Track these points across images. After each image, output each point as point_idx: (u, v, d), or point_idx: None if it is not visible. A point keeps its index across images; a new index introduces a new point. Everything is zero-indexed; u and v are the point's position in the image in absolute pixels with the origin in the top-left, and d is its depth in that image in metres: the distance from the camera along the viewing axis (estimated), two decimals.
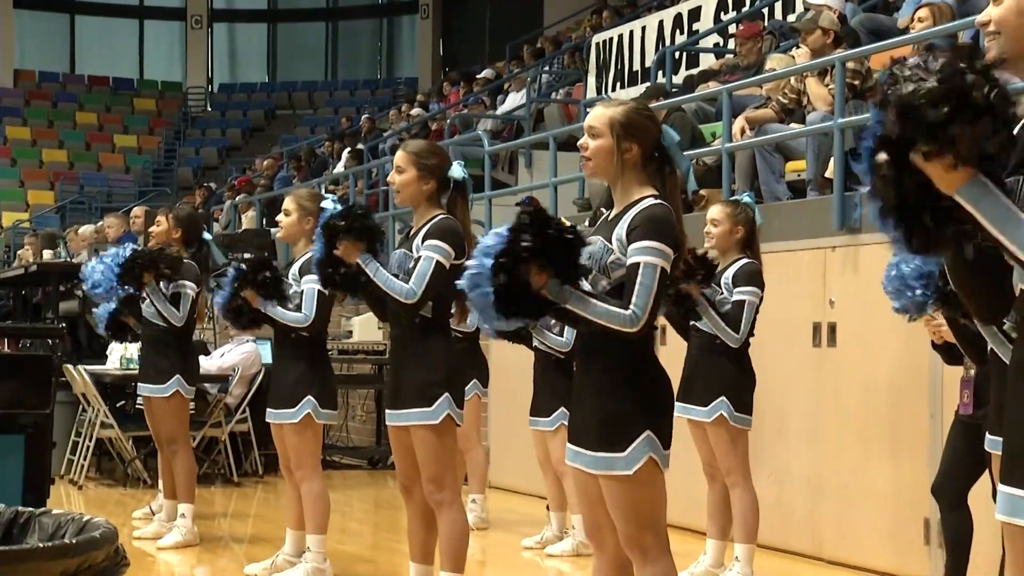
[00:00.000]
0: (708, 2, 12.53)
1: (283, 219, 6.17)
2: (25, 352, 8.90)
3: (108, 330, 7.68)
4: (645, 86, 11.38)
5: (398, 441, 5.15)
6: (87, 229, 14.21)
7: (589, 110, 3.89)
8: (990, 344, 4.57)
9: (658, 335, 7.78)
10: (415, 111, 19.49)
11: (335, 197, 5.52)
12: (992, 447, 4.40)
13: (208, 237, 7.48)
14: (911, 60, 2.36)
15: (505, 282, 3.51)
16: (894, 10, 9.35)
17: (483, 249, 3.63)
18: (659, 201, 3.72)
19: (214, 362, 10.07)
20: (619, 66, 13.42)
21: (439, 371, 4.99)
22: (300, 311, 6.02)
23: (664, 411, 3.76)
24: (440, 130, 16.11)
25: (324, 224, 5.01)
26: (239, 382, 9.92)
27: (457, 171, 5.06)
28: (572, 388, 3.89)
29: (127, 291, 7.05)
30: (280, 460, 6.35)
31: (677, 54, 12.44)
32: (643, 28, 13.29)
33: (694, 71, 11.84)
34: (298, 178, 17.83)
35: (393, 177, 5.07)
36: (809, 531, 6.98)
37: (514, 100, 15.77)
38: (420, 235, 5.00)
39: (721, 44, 12.32)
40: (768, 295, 6.02)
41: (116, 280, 6.99)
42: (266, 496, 9.59)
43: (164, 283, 7.10)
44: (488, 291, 3.57)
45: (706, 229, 6.04)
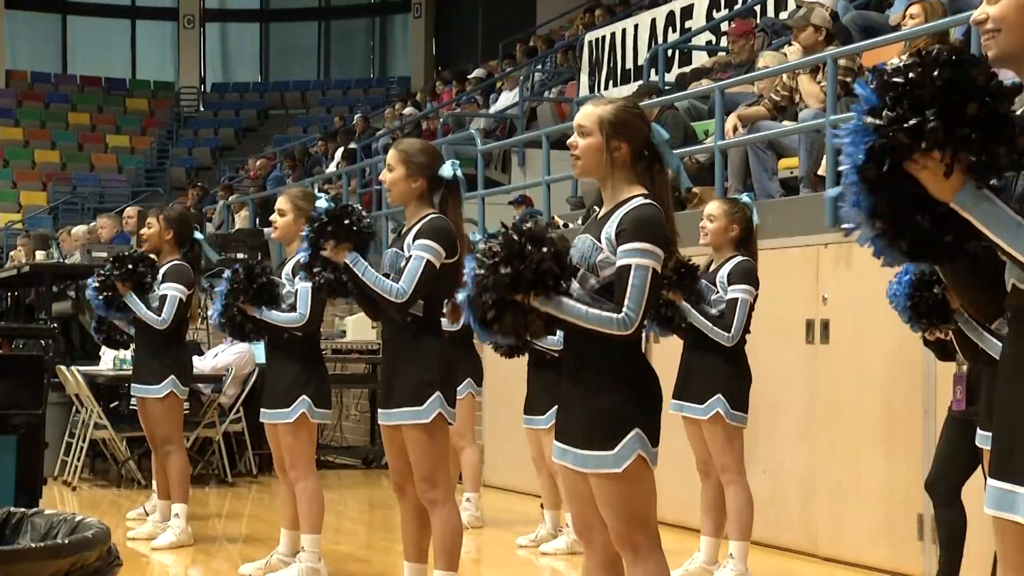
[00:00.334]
0: (700, 0, 12.54)
1: (278, 219, 6.16)
2: (17, 352, 8.88)
3: (100, 335, 7.81)
4: (638, 84, 11.39)
5: (391, 440, 5.15)
6: (80, 230, 14.19)
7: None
8: (982, 345, 4.59)
9: (651, 333, 7.83)
10: (408, 110, 19.49)
11: (329, 197, 5.51)
12: (984, 443, 4.42)
13: (199, 236, 7.47)
14: (897, 62, 2.36)
15: (492, 316, 3.57)
16: (886, 7, 9.36)
17: (469, 277, 3.68)
18: (648, 201, 3.71)
19: (208, 362, 10.06)
20: (612, 64, 13.42)
21: (430, 370, 4.99)
22: (294, 311, 6.02)
23: (653, 408, 3.75)
24: (433, 129, 16.11)
25: (310, 225, 5.00)
26: (233, 382, 9.91)
27: (447, 170, 5.05)
28: (554, 387, 3.89)
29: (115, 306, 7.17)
30: (274, 460, 6.35)
31: (669, 52, 12.46)
32: (635, 26, 13.30)
33: (686, 69, 11.85)
34: (292, 178, 17.82)
35: (384, 175, 5.08)
36: (803, 528, 6.99)
37: (507, 99, 15.77)
38: (411, 234, 5.00)
39: (713, 42, 12.33)
40: (761, 292, 6.02)
41: (100, 302, 7.15)
42: (260, 496, 9.58)
43: (155, 284, 7.12)
44: (478, 324, 3.64)
45: (701, 224, 6.04)
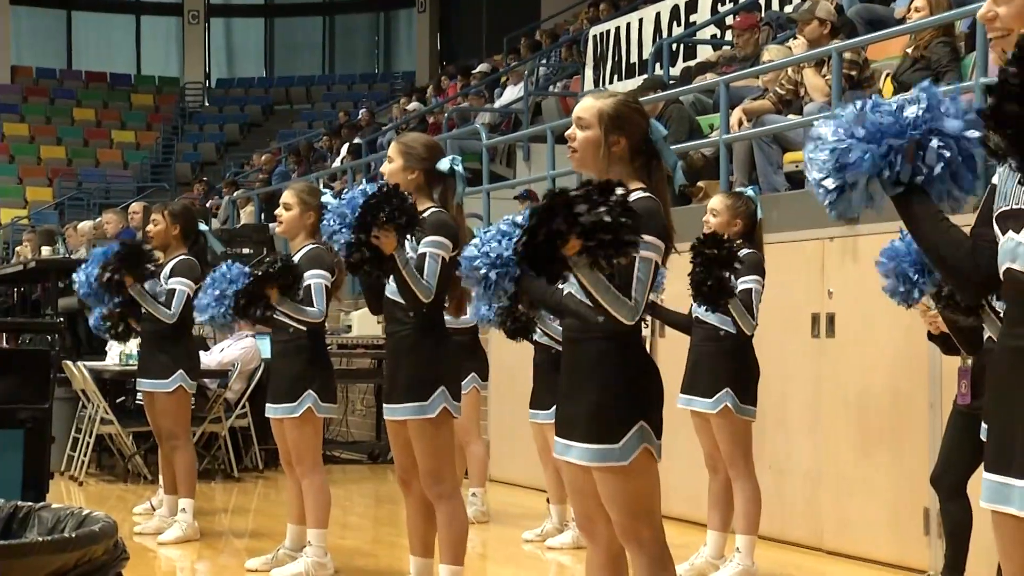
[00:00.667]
0: None
1: (283, 213, 6.15)
2: (24, 347, 8.89)
3: (105, 331, 7.67)
4: (643, 78, 11.37)
5: (396, 435, 5.16)
6: (86, 225, 14.21)
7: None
8: (987, 331, 4.57)
9: (657, 327, 7.83)
10: (413, 105, 19.48)
11: (334, 192, 5.51)
12: (986, 436, 4.40)
13: (205, 228, 7.46)
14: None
15: (543, 236, 3.36)
16: (891, 0, 9.35)
17: (494, 234, 3.64)
18: (647, 194, 3.70)
19: (213, 357, 10.07)
20: (616, 58, 13.41)
21: (435, 365, 4.98)
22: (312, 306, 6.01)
23: (656, 401, 3.75)
24: (438, 124, 16.09)
25: (367, 204, 4.70)
26: (238, 377, 9.92)
27: (444, 164, 5.03)
28: (559, 382, 3.85)
29: (116, 298, 7.10)
30: (280, 455, 6.36)
31: (674, 46, 12.44)
32: (640, 20, 13.28)
33: (691, 63, 11.84)
34: (297, 173, 17.82)
35: (384, 167, 5.05)
36: (809, 522, 6.98)
37: (512, 93, 15.75)
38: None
39: (718, 36, 12.31)
40: (767, 286, 6.02)
41: (99, 291, 7.06)
42: (266, 491, 9.59)
43: (155, 278, 7.10)
44: (502, 272, 3.58)
45: (705, 218, 6.04)
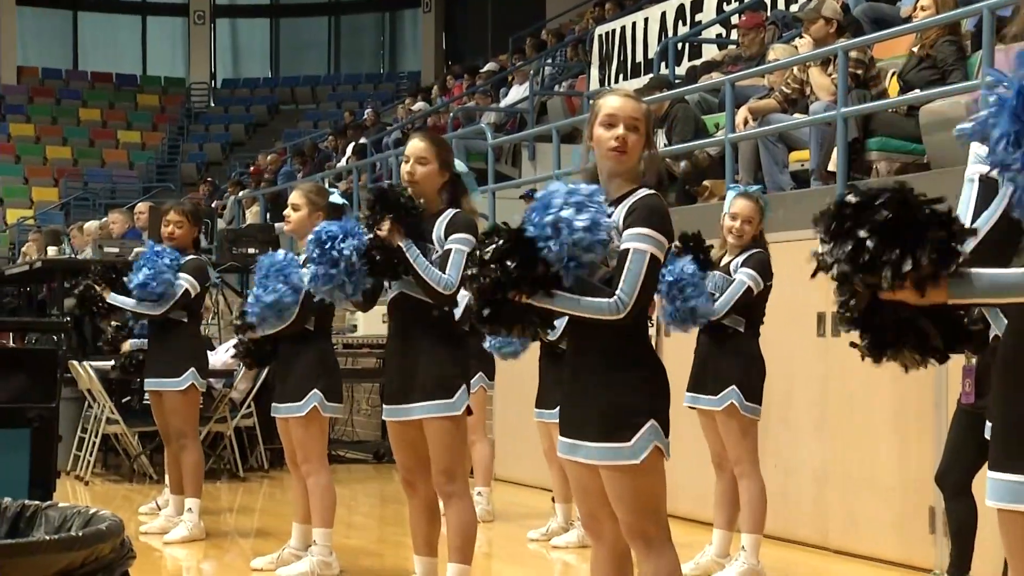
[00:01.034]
0: None
1: (291, 214, 6.15)
2: (31, 347, 8.91)
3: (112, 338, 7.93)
4: (648, 77, 11.38)
5: (401, 436, 5.13)
6: (91, 225, 14.22)
7: (602, 100, 3.85)
8: (992, 330, 4.57)
9: (662, 326, 7.82)
10: (418, 105, 19.49)
11: (342, 192, 5.52)
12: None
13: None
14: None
15: (489, 314, 3.57)
16: None
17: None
18: (654, 192, 3.74)
19: (219, 357, 10.07)
20: (622, 58, 13.41)
21: (456, 362, 4.99)
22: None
23: (664, 399, 3.75)
24: (443, 124, 16.10)
25: (375, 201, 4.88)
26: (244, 377, 9.93)
27: (461, 166, 5.08)
28: (564, 382, 3.86)
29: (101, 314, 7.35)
30: (286, 454, 6.37)
31: (680, 45, 12.43)
32: (646, 19, 13.28)
33: (697, 62, 11.83)
34: (302, 173, 17.83)
35: (414, 167, 4.98)
36: (815, 521, 6.98)
37: (517, 93, 15.75)
38: (439, 227, 4.96)
39: (724, 35, 12.31)
40: (773, 285, 6.02)
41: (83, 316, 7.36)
42: (272, 491, 9.60)
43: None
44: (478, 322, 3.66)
45: (730, 225, 5.98)
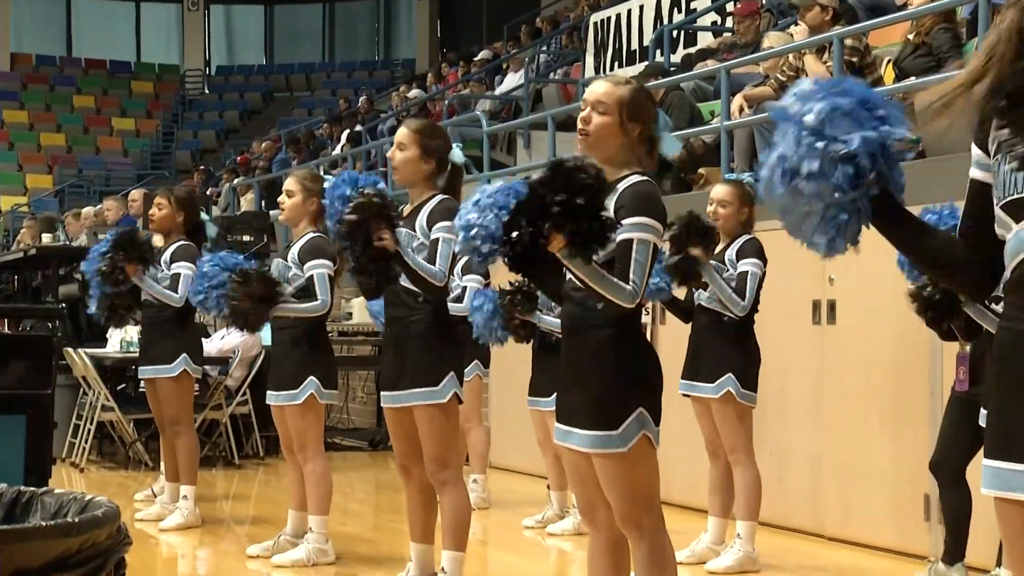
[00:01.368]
0: None
1: (286, 200, 6.14)
2: (26, 333, 8.90)
3: (103, 315, 7.66)
4: (643, 65, 11.36)
5: (397, 422, 5.15)
6: (86, 212, 14.20)
7: (588, 87, 3.87)
8: (979, 321, 4.61)
9: (657, 314, 7.84)
10: (413, 92, 19.46)
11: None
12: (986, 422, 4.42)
13: (206, 218, 7.47)
14: None
15: (522, 239, 3.35)
16: None
17: (491, 203, 3.63)
18: (646, 178, 3.73)
19: (214, 344, 10.07)
20: (617, 45, 13.39)
21: (444, 350, 4.99)
22: (304, 295, 6.01)
23: (655, 387, 3.76)
24: (438, 111, 16.08)
25: (358, 206, 4.66)
26: (239, 364, 9.92)
27: (458, 155, 5.06)
28: (559, 369, 3.86)
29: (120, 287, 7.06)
30: (281, 442, 6.36)
31: (675, 33, 12.42)
32: (641, 7, 13.26)
33: (692, 50, 11.82)
34: (297, 160, 17.81)
35: (394, 154, 5.03)
36: (810, 508, 6.99)
37: (512, 80, 15.73)
38: (423, 216, 4.97)
39: (719, 22, 12.29)
40: (768, 273, 6.02)
41: (103, 286, 6.99)
42: (267, 478, 9.61)
43: (155, 267, 7.10)
44: (494, 248, 3.58)
45: (712, 209, 6.01)
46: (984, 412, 4.51)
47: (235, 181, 18.31)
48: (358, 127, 17.96)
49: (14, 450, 4.33)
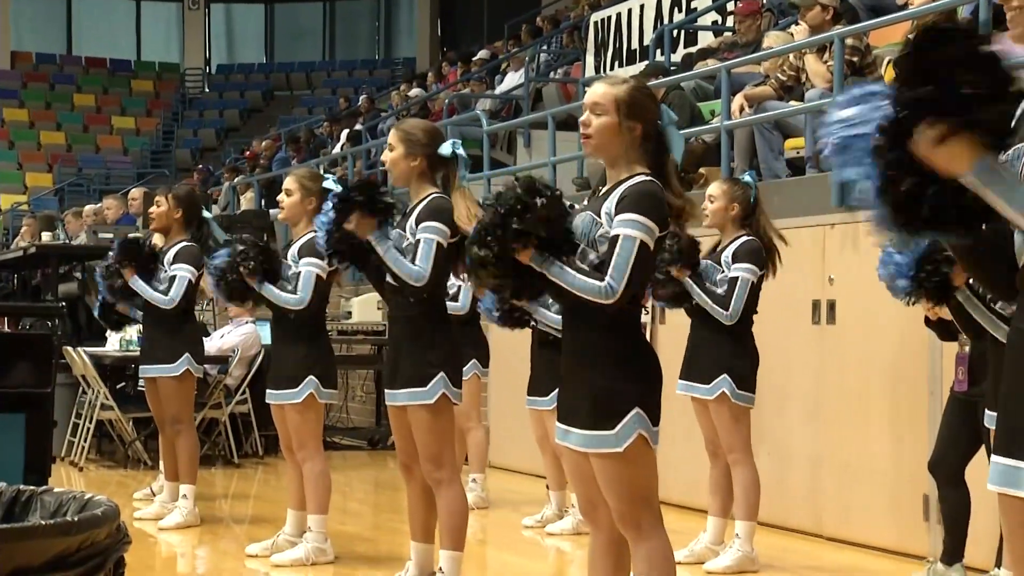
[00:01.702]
0: None
1: (285, 199, 6.15)
2: (25, 332, 8.90)
3: (106, 319, 7.89)
4: (644, 64, 11.35)
5: (398, 421, 5.17)
6: (87, 210, 14.19)
7: (588, 88, 3.88)
8: (982, 323, 4.61)
9: (657, 314, 7.84)
10: (414, 91, 19.46)
11: (336, 177, 5.53)
12: (991, 423, 4.42)
13: (208, 216, 7.47)
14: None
15: (492, 257, 3.61)
16: None
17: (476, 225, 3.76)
18: (650, 178, 3.73)
19: (214, 343, 10.07)
20: (617, 45, 13.38)
21: (435, 351, 5.00)
22: (296, 293, 6.03)
23: (653, 387, 3.75)
24: (439, 110, 16.08)
25: (340, 195, 4.99)
26: (239, 363, 9.92)
27: (446, 148, 5.04)
28: (558, 368, 3.88)
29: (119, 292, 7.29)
30: (281, 440, 6.36)
31: (676, 32, 12.41)
32: (641, 6, 13.25)
33: (692, 49, 11.81)
34: (297, 159, 17.80)
35: (385, 155, 5.10)
36: (809, 508, 6.99)
37: (512, 80, 15.73)
38: (413, 215, 5.00)
39: (720, 22, 12.29)
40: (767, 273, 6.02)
41: (108, 293, 7.36)
42: (266, 477, 9.61)
43: (165, 265, 7.14)
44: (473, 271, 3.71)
45: (703, 204, 6.04)
46: (988, 413, 4.52)
47: (235, 180, 18.29)
48: (358, 126, 17.95)
49: (13, 449, 4.33)
